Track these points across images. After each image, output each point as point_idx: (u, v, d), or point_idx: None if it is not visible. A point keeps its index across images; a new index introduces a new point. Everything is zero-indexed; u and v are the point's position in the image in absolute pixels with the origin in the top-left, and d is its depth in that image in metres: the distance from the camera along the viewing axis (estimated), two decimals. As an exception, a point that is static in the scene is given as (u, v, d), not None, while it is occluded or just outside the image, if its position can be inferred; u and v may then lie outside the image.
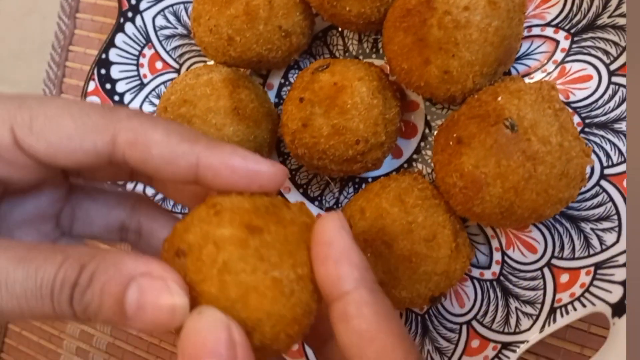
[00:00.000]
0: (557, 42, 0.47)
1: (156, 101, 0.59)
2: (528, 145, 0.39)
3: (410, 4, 0.42)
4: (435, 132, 0.46)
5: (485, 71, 0.42)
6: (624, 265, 0.40)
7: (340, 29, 0.55)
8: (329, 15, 0.49)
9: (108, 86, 0.59)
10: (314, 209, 0.55)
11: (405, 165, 0.52)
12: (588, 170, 0.42)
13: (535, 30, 0.48)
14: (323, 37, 0.56)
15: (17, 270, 0.29)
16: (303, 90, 0.47)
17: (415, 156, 0.52)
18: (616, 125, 0.44)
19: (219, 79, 0.50)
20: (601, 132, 0.45)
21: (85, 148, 0.32)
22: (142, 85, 0.59)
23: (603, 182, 0.44)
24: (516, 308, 0.45)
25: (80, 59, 0.70)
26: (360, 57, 0.54)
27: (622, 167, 0.43)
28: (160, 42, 0.59)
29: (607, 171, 0.44)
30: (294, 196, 0.55)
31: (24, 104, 0.32)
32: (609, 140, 0.44)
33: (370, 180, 0.53)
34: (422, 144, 0.52)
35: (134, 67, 0.59)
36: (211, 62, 0.55)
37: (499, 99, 0.41)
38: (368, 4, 0.46)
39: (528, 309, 0.45)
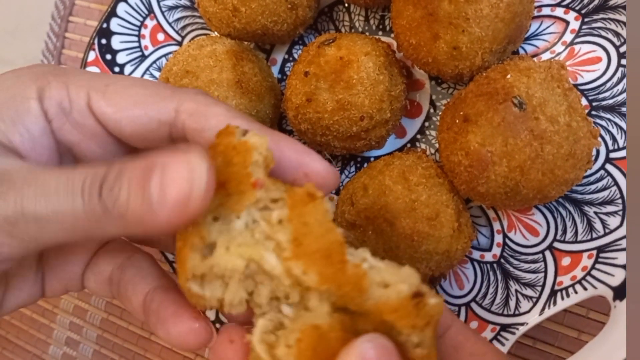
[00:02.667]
0: (567, 23, 0.46)
1: (157, 74, 0.59)
2: (536, 124, 0.38)
3: (421, -23, 0.42)
4: (441, 111, 0.45)
5: (495, 48, 0.42)
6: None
7: (346, 4, 0.54)
8: (337, -11, 0.48)
9: (108, 57, 0.58)
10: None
11: (409, 145, 0.51)
12: (594, 152, 0.41)
13: (546, 10, 0.47)
14: (329, 12, 0.55)
15: (50, 173, 0.30)
16: (308, 64, 0.46)
17: (419, 136, 0.51)
18: (623, 109, 0.43)
19: (222, 51, 0.49)
20: (608, 115, 0.44)
21: (150, 114, 0.34)
22: (143, 57, 0.58)
23: (608, 166, 0.43)
24: (516, 290, 0.45)
25: (81, 29, 0.69)
26: (367, 34, 0.53)
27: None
28: (162, 13, 0.58)
29: (612, 155, 0.43)
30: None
31: (102, 75, 0.36)
32: (616, 124, 0.44)
33: (372, 159, 0.53)
34: (427, 124, 0.51)
35: (136, 38, 0.58)
36: (215, 34, 0.54)
37: (508, 76, 0.40)
38: (377, -22, 0.45)
39: (528, 292, 0.44)
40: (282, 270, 0.29)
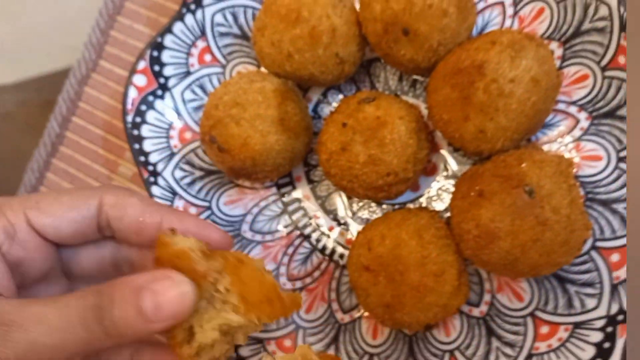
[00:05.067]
0: (578, 121, 0.52)
1: (198, 90, 0.63)
2: (541, 212, 0.44)
3: (462, 64, 0.47)
4: (457, 180, 0.51)
5: (515, 137, 0.48)
6: (600, 329, 0.46)
7: (383, 62, 0.60)
8: (383, 54, 0.53)
9: (157, 68, 0.62)
10: (329, 221, 0.60)
11: (422, 200, 0.57)
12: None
13: (561, 106, 0.53)
14: (367, 66, 0.60)
15: (43, 308, 0.36)
16: (347, 116, 0.51)
17: (431, 193, 0.57)
18: (614, 206, 0.50)
19: (270, 89, 0.54)
20: (600, 209, 0.50)
21: (82, 213, 0.43)
22: (188, 74, 0.63)
23: (593, 253, 0.50)
24: (497, 347, 0.51)
25: (126, 30, 0.72)
26: (398, 93, 0.59)
27: (613, 243, 0.49)
28: (214, 37, 0.63)
29: (598, 244, 0.50)
30: (313, 204, 0.60)
31: (29, 195, 0.43)
32: (606, 218, 0.50)
33: (384, 205, 0.58)
34: (438, 181, 0.57)
35: (184, 55, 0.62)
36: (262, 69, 0.59)
37: (523, 165, 0.46)
38: (422, 53, 0.51)
39: (507, 350, 0.50)
40: (244, 320, 0.40)
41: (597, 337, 0.46)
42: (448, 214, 0.53)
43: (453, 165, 0.57)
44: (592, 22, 0.51)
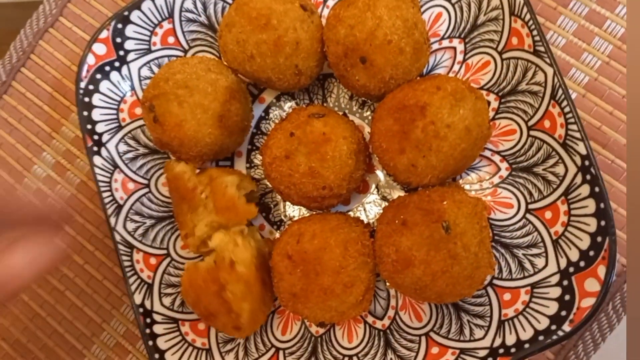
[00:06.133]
0: (499, 169, 0.58)
1: (155, 69, 0.64)
2: (453, 247, 0.49)
3: (408, 101, 0.52)
4: (385, 206, 0.56)
5: (442, 176, 0.53)
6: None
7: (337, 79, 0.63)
8: (339, 75, 0.57)
9: (118, 40, 0.63)
10: (265, 224, 0.63)
11: (350, 213, 0.61)
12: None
13: (487, 153, 0.59)
14: (322, 80, 0.64)
15: None
16: (296, 127, 0.55)
17: (360, 208, 0.61)
18: (515, 250, 0.56)
19: (223, 84, 0.57)
20: (502, 250, 0.56)
21: None
22: (149, 51, 0.64)
23: (489, 289, 0.56)
24: (391, 359, 0.56)
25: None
26: (347, 112, 0.63)
27: (508, 283, 0.55)
28: (181, 21, 0.64)
29: (495, 282, 0.56)
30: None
31: None
32: (506, 260, 0.56)
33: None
34: (368, 200, 0.61)
35: (148, 33, 0.64)
36: (223, 62, 0.61)
37: (445, 202, 0.51)
38: (374, 82, 0.55)
39: (399, 364, 0.56)
40: (217, 218, 0.57)
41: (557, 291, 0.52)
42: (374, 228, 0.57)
43: (384, 187, 0.61)
44: (528, 84, 0.56)
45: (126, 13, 0.62)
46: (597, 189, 0.51)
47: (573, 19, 0.62)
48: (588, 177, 0.52)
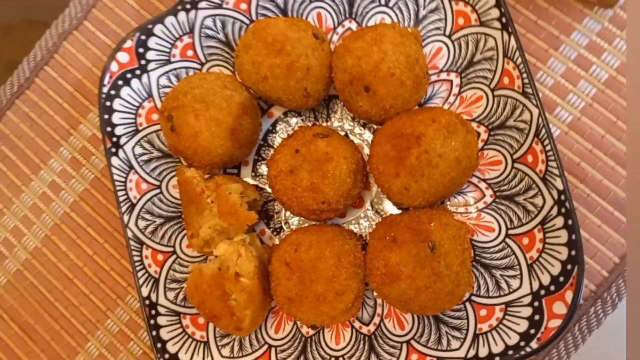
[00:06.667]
0: (484, 195, 0.63)
1: (173, 79, 0.69)
2: (437, 266, 0.54)
3: (405, 130, 0.57)
4: (378, 222, 0.61)
5: (431, 200, 0.58)
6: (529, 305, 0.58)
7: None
8: (344, 99, 0.62)
9: (141, 50, 0.67)
10: (265, 230, 0.68)
11: (345, 225, 0.66)
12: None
13: (474, 180, 0.64)
14: (328, 101, 0.69)
15: None
16: (301, 145, 0.60)
17: (354, 221, 0.66)
18: (493, 271, 0.61)
19: (237, 101, 0.62)
20: (482, 270, 0.62)
21: None
22: (168, 62, 0.69)
23: (467, 304, 0.61)
24: (374, 363, 0.62)
25: (116, 1, 0.77)
26: (349, 132, 0.68)
27: (485, 300, 0.60)
28: (200, 37, 0.69)
29: (473, 298, 0.61)
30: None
31: None
32: (485, 279, 0.61)
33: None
34: (362, 214, 0.66)
35: (169, 46, 0.68)
36: (238, 78, 0.66)
37: (432, 224, 0.56)
38: (376, 109, 0.60)
39: (381, 367, 0.61)
40: (220, 222, 0.62)
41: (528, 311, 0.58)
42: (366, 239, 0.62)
43: (377, 203, 0.66)
44: (516, 121, 0.62)
45: (150, 26, 0.67)
46: (570, 222, 0.57)
47: (562, 62, 0.67)
48: (563, 210, 0.57)
